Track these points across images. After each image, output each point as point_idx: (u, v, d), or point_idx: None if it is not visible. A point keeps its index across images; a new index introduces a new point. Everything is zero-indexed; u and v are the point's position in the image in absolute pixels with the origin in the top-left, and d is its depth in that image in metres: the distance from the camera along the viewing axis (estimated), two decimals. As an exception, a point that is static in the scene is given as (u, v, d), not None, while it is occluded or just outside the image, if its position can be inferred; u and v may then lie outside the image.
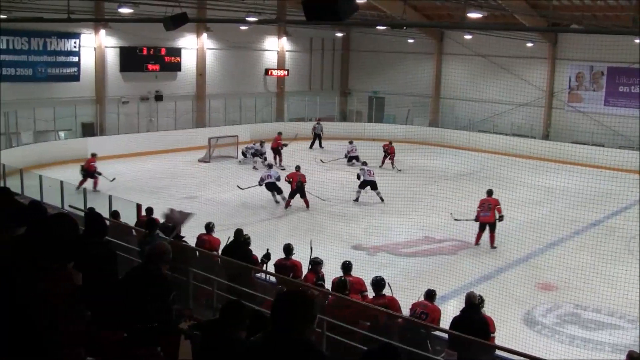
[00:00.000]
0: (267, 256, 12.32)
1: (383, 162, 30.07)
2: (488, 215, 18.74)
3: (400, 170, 29.28)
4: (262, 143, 30.06)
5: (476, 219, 18.91)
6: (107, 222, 9.06)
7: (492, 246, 18.67)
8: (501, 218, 18.83)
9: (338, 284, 10.40)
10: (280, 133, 30.84)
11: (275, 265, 12.13)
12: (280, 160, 29.94)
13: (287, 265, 11.99)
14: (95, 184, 23.63)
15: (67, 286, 3.62)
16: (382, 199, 23.49)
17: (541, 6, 31.95)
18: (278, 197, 22.94)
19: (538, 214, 22.11)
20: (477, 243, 18.89)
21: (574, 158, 30.26)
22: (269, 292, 10.70)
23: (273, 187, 22.89)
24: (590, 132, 33.38)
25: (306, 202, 22.31)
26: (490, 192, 19.49)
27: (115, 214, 14.97)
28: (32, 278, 3.53)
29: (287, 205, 22.41)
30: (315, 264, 11.58)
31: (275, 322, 3.37)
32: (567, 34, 33.21)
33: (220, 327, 5.18)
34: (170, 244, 7.04)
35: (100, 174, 23.84)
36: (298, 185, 22.15)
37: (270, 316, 3.42)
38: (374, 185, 23.75)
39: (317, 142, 35.46)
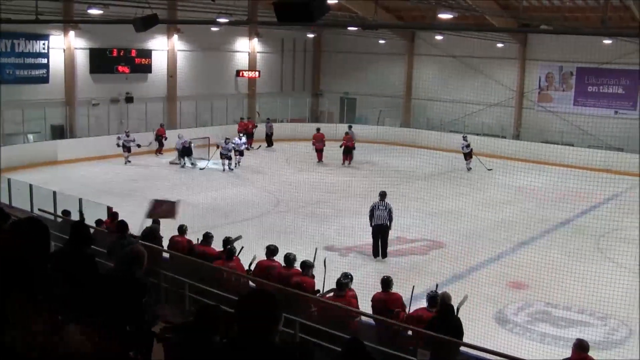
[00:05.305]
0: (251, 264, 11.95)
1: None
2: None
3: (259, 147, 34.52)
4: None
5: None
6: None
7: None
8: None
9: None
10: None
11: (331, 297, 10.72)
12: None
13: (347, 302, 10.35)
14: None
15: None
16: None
17: (511, 7, 32.19)
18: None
19: (508, 213, 22.26)
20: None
21: (544, 157, 30.56)
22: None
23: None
24: (560, 131, 33.70)
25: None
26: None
27: (65, 213, 14.90)
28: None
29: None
30: (339, 285, 10.42)
31: (240, 324, 3.32)
32: (537, 35, 33.51)
33: (194, 331, 5.16)
34: (144, 247, 6.99)
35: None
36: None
37: (235, 318, 3.36)
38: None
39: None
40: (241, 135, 32.37)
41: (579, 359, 8.69)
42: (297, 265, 11.38)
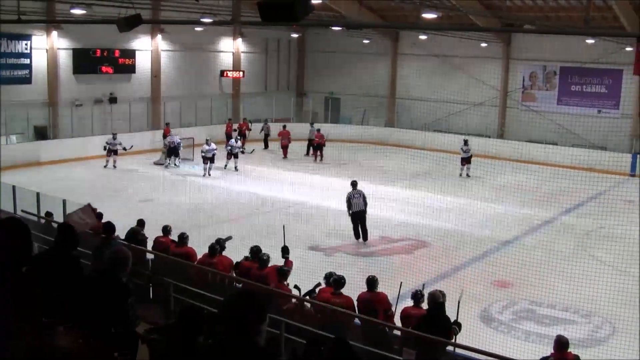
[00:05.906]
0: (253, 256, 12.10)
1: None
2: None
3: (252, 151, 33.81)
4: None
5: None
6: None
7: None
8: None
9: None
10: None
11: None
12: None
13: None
14: None
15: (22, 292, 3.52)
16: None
17: (495, 7, 32.32)
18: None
19: (493, 212, 22.35)
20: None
21: (529, 157, 30.71)
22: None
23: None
24: (544, 130, 33.85)
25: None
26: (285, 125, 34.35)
27: (48, 214, 14.87)
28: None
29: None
30: (339, 284, 10.49)
31: (225, 324, 3.29)
32: (520, 35, 33.65)
33: (178, 332, 5.13)
34: (129, 248, 6.95)
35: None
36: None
37: (220, 319, 3.34)
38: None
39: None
40: (238, 137, 32.15)
41: (560, 357, 8.71)
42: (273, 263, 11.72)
